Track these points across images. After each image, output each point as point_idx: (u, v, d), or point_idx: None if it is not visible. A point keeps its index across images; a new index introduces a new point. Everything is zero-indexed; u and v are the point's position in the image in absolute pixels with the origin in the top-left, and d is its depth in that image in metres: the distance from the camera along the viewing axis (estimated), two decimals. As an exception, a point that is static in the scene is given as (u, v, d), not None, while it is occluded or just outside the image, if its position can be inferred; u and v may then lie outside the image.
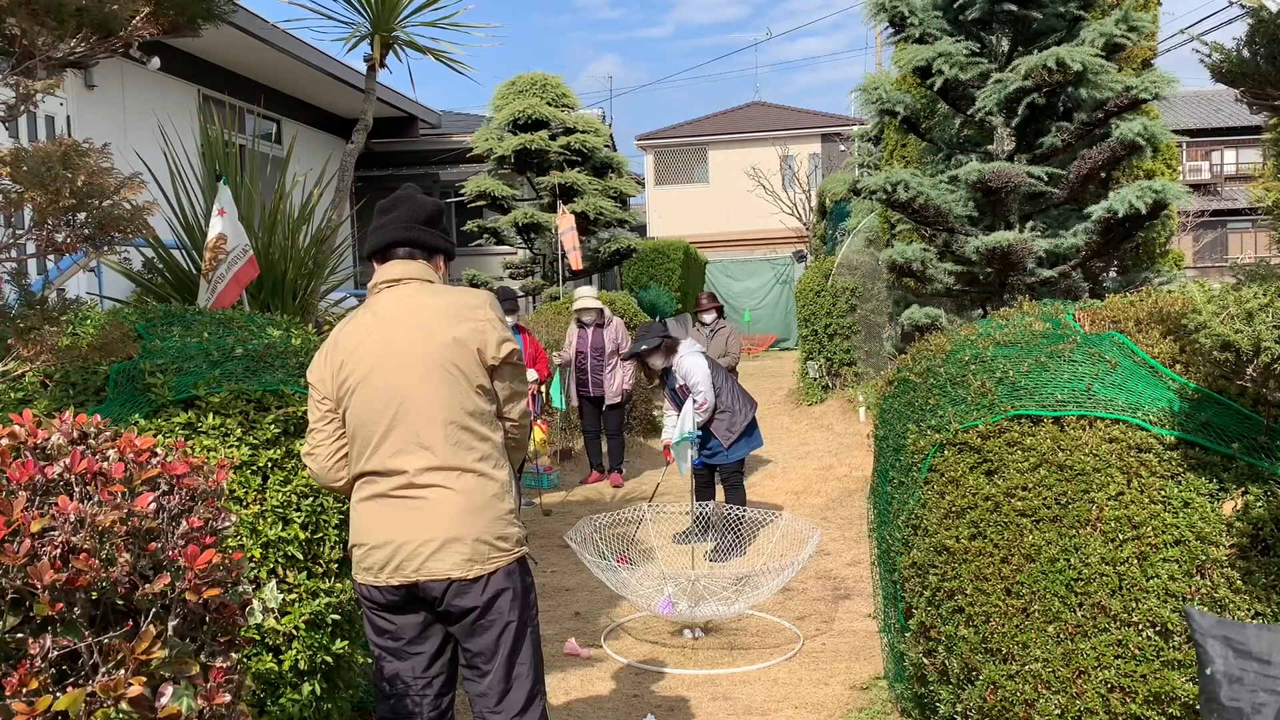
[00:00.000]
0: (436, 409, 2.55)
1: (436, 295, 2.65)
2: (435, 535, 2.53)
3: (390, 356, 2.58)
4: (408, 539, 2.54)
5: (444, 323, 2.59)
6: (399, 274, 2.68)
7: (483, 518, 2.57)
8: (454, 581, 2.54)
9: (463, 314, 2.61)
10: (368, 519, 2.61)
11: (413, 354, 2.57)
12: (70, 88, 8.00)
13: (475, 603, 2.58)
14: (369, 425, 2.58)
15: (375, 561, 2.58)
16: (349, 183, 6.63)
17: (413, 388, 2.55)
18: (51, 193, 2.59)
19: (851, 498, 7.94)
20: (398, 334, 2.59)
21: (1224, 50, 2.95)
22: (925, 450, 3.33)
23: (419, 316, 2.60)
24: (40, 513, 1.71)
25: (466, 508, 2.55)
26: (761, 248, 26.46)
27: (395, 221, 2.72)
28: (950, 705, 3.10)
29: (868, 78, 7.33)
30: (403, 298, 2.65)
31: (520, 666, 2.68)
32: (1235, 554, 2.66)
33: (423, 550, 2.53)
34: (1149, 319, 3.32)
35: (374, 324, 2.63)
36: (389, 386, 2.56)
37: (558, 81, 13.54)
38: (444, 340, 2.57)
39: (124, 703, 1.62)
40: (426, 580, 2.54)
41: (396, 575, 2.56)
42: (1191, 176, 30.34)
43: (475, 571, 2.55)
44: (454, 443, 2.56)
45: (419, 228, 2.72)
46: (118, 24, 3.04)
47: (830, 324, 12.60)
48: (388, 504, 2.58)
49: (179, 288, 5.21)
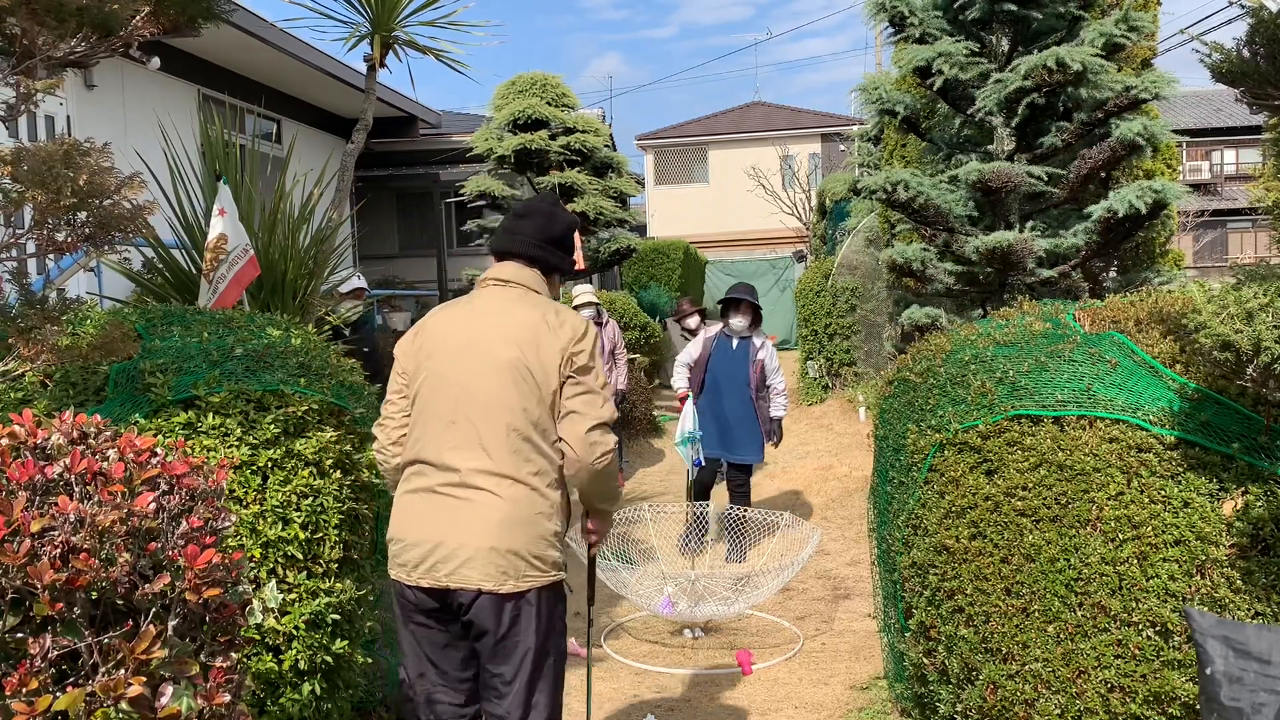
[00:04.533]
0: (502, 412, 2.54)
1: (534, 307, 2.66)
2: (474, 541, 2.49)
3: (470, 351, 2.59)
4: (445, 540, 2.51)
5: (531, 332, 2.59)
6: (508, 276, 2.71)
7: (525, 532, 2.52)
8: (483, 593, 2.50)
9: (552, 328, 2.60)
10: (409, 513, 2.59)
11: (492, 354, 2.57)
12: (70, 88, 8.00)
13: (500, 620, 2.52)
14: (432, 412, 2.59)
15: (410, 559, 2.56)
16: (349, 183, 6.64)
17: (483, 386, 2.55)
18: (52, 192, 2.59)
19: (851, 498, 7.94)
20: (484, 332, 2.61)
21: (1224, 50, 2.95)
22: (925, 450, 3.33)
23: (510, 320, 2.62)
24: (40, 513, 1.71)
25: (511, 518, 2.51)
26: (761, 248, 26.44)
27: (524, 232, 2.75)
28: (950, 705, 3.10)
29: (868, 78, 7.32)
30: (502, 299, 2.68)
31: (539, 695, 2.59)
32: (1235, 554, 2.66)
33: (458, 554, 2.49)
34: (1149, 319, 3.31)
35: (465, 317, 2.67)
36: (461, 380, 2.57)
37: (558, 81, 13.53)
38: (525, 348, 2.57)
39: (124, 703, 1.62)
40: (457, 587, 2.50)
41: (428, 577, 2.53)
42: (1191, 176, 30.32)
43: (508, 587, 2.50)
44: (513, 450, 2.54)
45: (545, 246, 2.75)
46: (118, 24, 3.04)
47: (830, 324, 12.59)
48: (432, 500, 2.55)
49: (179, 288, 5.20)
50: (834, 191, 16.15)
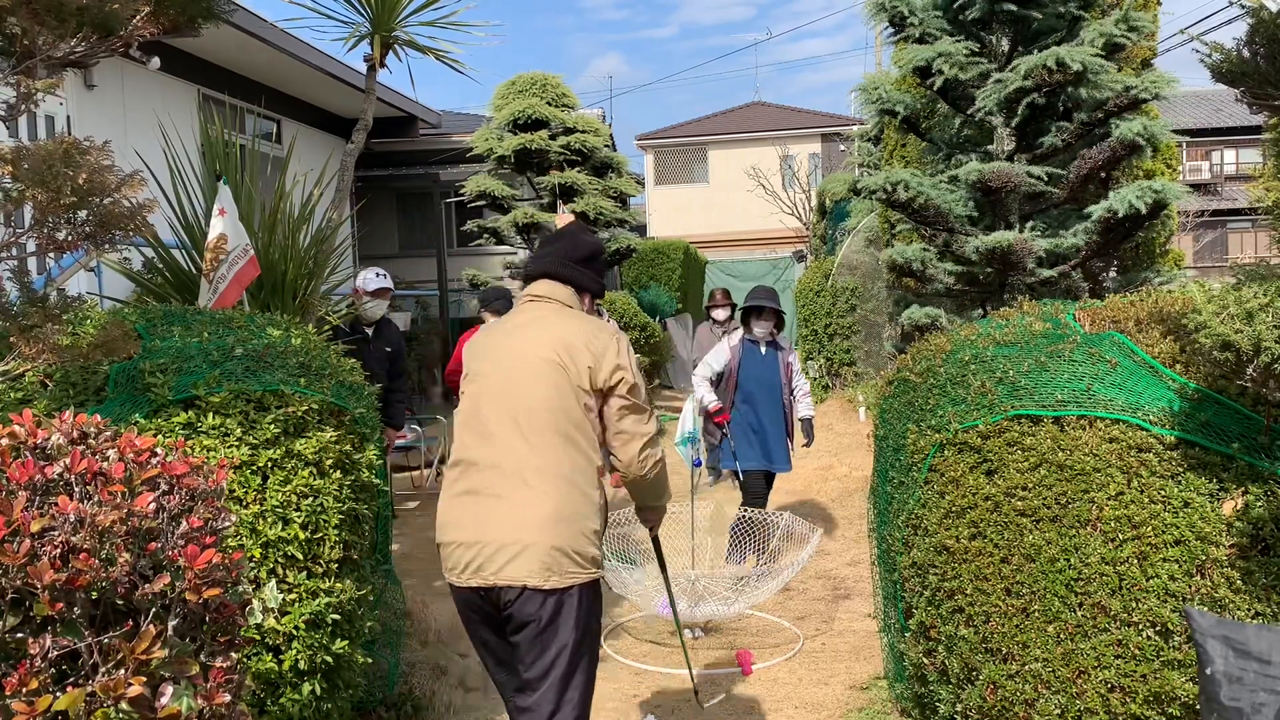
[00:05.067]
0: (543, 414, 2.68)
1: (569, 319, 2.86)
2: (518, 538, 2.59)
3: (512, 359, 2.78)
4: (490, 539, 2.61)
5: (568, 340, 2.75)
6: (543, 292, 2.93)
7: (568, 528, 2.62)
8: (526, 589, 2.59)
9: (587, 337, 2.77)
10: (454, 516, 2.71)
11: (532, 360, 2.74)
12: (70, 87, 7.99)
13: (541, 614, 2.60)
14: (479, 415, 2.75)
15: (458, 561, 2.66)
16: (349, 183, 6.63)
17: (525, 390, 2.71)
18: (53, 191, 2.59)
19: (851, 498, 7.94)
20: (525, 341, 2.80)
21: (1224, 50, 2.96)
22: (925, 450, 3.33)
23: (548, 330, 2.80)
24: (40, 513, 1.71)
25: (554, 515, 2.61)
26: (761, 248, 26.43)
27: (553, 254, 2.97)
28: (950, 705, 3.10)
29: (868, 78, 7.32)
30: (540, 312, 2.88)
31: (572, 692, 2.66)
32: (1235, 554, 2.66)
33: (503, 552, 2.59)
34: (1149, 319, 3.31)
35: (509, 329, 2.89)
36: (505, 385, 2.75)
37: (558, 81, 13.54)
38: (563, 355, 2.73)
39: (124, 703, 1.62)
40: (505, 584, 2.60)
41: (476, 577, 2.63)
42: (1191, 176, 30.31)
43: (552, 582, 2.59)
44: (554, 450, 2.67)
45: (571, 265, 2.95)
46: (118, 23, 3.04)
47: (830, 324, 12.60)
48: (476, 501, 2.67)
49: (179, 288, 5.20)
50: (834, 191, 16.15)
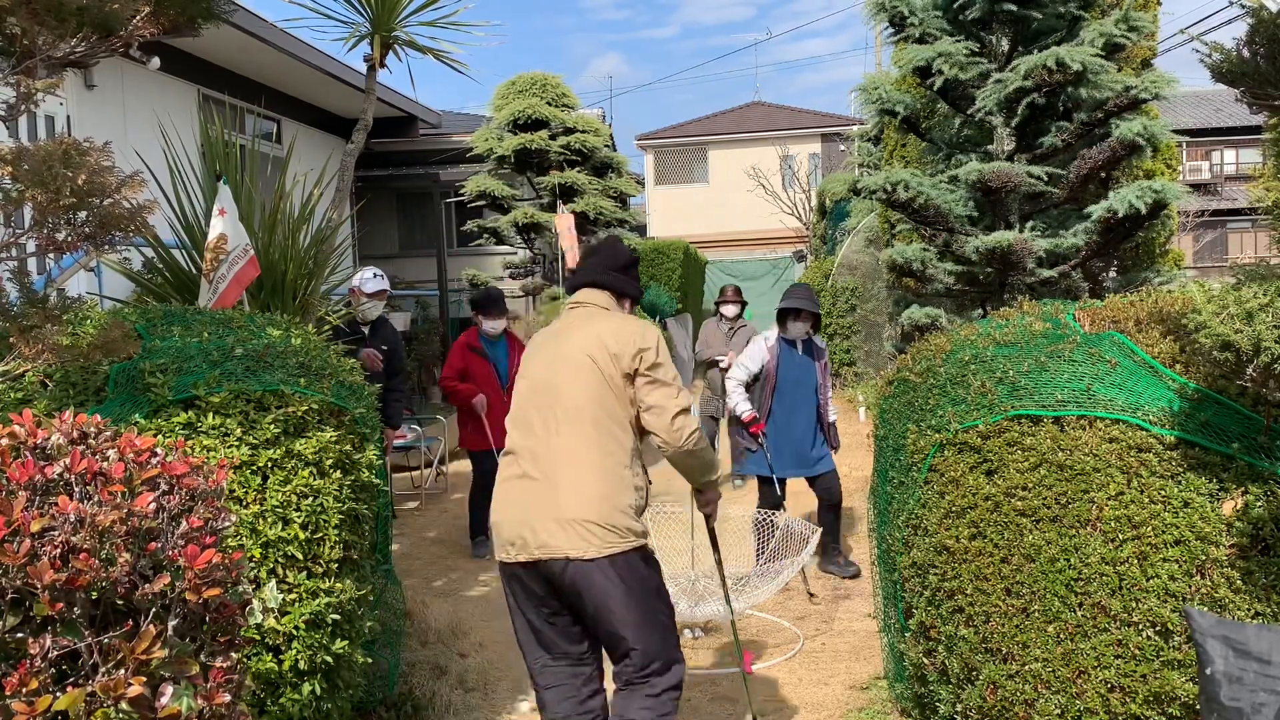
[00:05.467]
0: (584, 404, 2.95)
1: (608, 319, 3.13)
2: (557, 515, 2.84)
3: (555, 358, 3.07)
4: (534, 517, 2.87)
5: (603, 337, 3.01)
6: (584, 298, 3.23)
7: (603, 504, 2.86)
8: (570, 561, 2.82)
9: (615, 330, 3.03)
10: (504, 499, 3.00)
11: (573, 358, 3.02)
12: (70, 87, 7.99)
13: (591, 582, 2.82)
14: (527, 408, 3.05)
15: (505, 538, 2.94)
16: (349, 183, 6.63)
17: (568, 384, 2.99)
18: (52, 191, 2.59)
19: (851, 498, 7.93)
20: (568, 341, 3.08)
21: (1224, 50, 2.95)
22: (925, 450, 3.33)
23: (587, 330, 3.07)
24: (40, 513, 1.71)
25: (589, 494, 2.86)
26: (761, 248, 26.44)
27: (592, 265, 3.29)
28: (950, 705, 3.10)
29: (868, 78, 7.33)
30: (581, 316, 3.18)
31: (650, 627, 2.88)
32: (1235, 554, 2.66)
33: (544, 530, 2.84)
34: (1149, 319, 3.31)
35: (556, 331, 3.21)
36: (549, 381, 3.03)
37: (558, 81, 13.55)
38: (598, 350, 2.99)
39: (124, 703, 1.62)
40: (548, 557, 2.84)
41: (523, 552, 2.88)
42: (1191, 176, 30.31)
43: (591, 553, 2.81)
44: (592, 436, 2.93)
45: (611, 272, 3.26)
46: (118, 24, 3.04)
47: (830, 324, 12.60)
48: (523, 484, 2.94)
49: (179, 288, 5.20)
50: (834, 191, 16.16)
